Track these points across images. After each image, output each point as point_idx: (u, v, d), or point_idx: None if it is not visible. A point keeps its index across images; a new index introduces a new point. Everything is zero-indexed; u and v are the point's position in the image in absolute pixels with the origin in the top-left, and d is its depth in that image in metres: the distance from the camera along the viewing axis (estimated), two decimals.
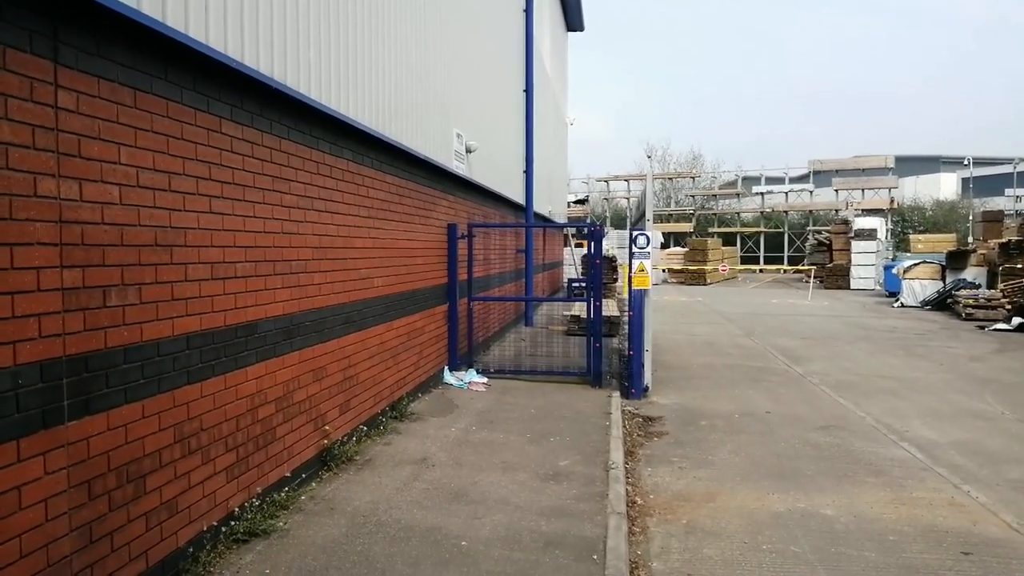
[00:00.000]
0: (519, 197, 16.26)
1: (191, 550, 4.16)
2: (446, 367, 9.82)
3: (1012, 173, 48.00)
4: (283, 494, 5.20)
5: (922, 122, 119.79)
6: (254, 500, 4.88)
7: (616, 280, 20.78)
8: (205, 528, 4.33)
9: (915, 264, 24.63)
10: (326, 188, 5.97)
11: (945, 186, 56.19)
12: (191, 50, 3.99)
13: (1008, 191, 48.24)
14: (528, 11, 16.51)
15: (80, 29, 3.28)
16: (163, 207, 3.89)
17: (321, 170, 5.88)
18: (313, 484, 5.66)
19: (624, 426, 7.74)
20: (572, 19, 27.81)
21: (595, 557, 4.45)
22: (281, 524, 4.82)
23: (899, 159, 47.47)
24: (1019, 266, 20.71)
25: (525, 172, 16.86)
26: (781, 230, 49.33)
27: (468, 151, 10.79)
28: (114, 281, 3.52)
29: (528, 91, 16.78)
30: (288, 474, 5.38)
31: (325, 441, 5.98)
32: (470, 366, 10.17)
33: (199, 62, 4.17)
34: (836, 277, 33.15)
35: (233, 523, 4.60)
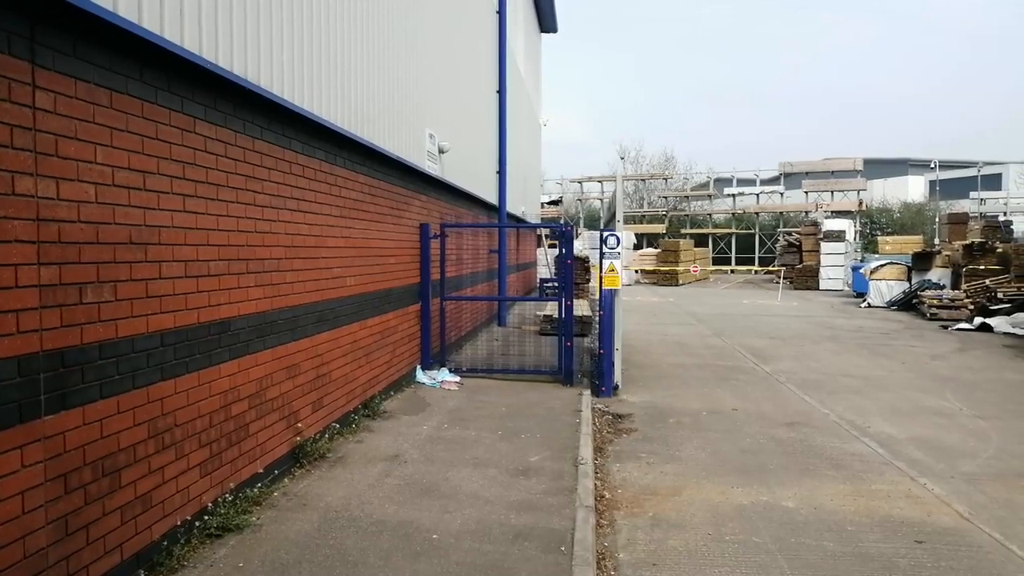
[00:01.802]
0: (492, 197, 16.36)
1: (165, 544, 4.22)
2: (419, 366, 9.90)
3: (977, 176, 49.14)
4: (256, 490, 5.27)
5: (891, 127, 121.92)
6: (227, 496, 4.94)
7: (589, 280, 20.93)
8: (179, 523, 4.39)
9: (882, 265, 25.07)
10: (299, 188, 6.04)
11: (913, 189, 57.20)
12: (166, 52, 4.06)
13: (973, 194, 49.33)
14: (501, 13, 16.62)
15: (57, 31, 3.34)
16: (138, 206, 3.96)
17: (294, 170, 5.95)
18: (286, 480, 5.72)
19: (594, 423, 7.89)
20: (546, 21, 28.01)
21: (563, 548, 4.57)
22: (254, 519, 4.89)
23: (868, 162, 48.21)
24: (982, 267, 21.23)
25: (498, 172, 16.95)
26: (752, 231, 49.92)
27: (441, 151, 10.87)
28: (90, 278, 3.58)
29: (501, 92, 16.88)
30: (261, 470, 5.44)
31: (298, 438, 6.05)
32: (443, 365, 10.26)
33: (174, 63, 4.23)
34: (805, 278, 33.64)
35: (206, 518, 4.66)
